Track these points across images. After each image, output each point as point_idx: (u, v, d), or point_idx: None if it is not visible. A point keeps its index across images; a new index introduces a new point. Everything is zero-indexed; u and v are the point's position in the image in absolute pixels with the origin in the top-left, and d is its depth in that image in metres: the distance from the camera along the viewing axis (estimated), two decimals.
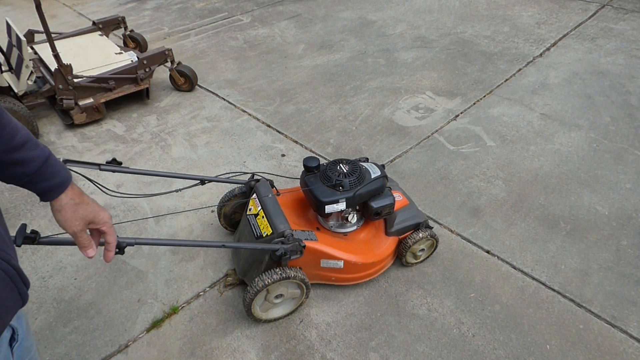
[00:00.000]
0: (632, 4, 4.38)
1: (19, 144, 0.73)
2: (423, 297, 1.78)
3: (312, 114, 2.98)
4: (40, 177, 0.77)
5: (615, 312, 1.70)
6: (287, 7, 4.85)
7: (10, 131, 0.72)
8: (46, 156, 0.78)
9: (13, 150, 0.72)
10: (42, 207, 2.26)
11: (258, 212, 1.68)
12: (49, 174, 0.78)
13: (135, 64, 2.96)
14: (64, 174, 0.81)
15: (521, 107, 2.96)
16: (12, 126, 0.73)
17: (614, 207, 2.16)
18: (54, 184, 0.79)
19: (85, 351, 1.62)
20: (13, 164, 0.73)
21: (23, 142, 0.74)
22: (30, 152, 0.75)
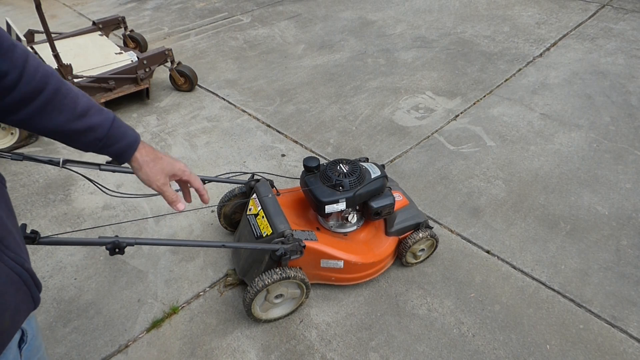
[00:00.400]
0: (632, 4, 4.38)
1: (83, 111, 0.77)
2: (423, 297, 1.78)
3: (312, 114, 2.98)
4: (112, 139, 0.82)
5: (615, 312, 1.70)
6: (287, 7, 4.85)
7: (71, 100, 0.76)
8: (111, 119, 0.82)
9: (79, 117, 0.77)
10: (42, 207, 2.26)
11: (258, 212, 1.68)
12: (118, 135, 0.83)
13: (135, 64, 2.96)
14: (132, 134, 0.86)
15: (521, 107, 2.96)
16: (73, 95, 0.77)
17: (614, 207, 2.16)
18: (126, 145, 0.84)
19: (85, 351, 1.62)
20: (84, 131, 0.78)
21: (87, 108, 0.78)
22: (95, 117, 0.79)
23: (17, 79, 0.68)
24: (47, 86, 0.72)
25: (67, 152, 2.69)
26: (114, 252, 1.16)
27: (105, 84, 2.89)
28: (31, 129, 0.75)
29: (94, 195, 2.34)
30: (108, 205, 2.27)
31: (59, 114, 0.74)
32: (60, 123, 0.75)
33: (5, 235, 0.62)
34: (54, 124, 0.75)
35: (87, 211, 2.25)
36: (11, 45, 0.68)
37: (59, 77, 0.75)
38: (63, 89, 0.74)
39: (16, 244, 0.65)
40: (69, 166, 1.22)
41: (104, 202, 2.29)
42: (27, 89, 0.70)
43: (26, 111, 0.71)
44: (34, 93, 0.71)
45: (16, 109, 0.71)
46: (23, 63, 0.69)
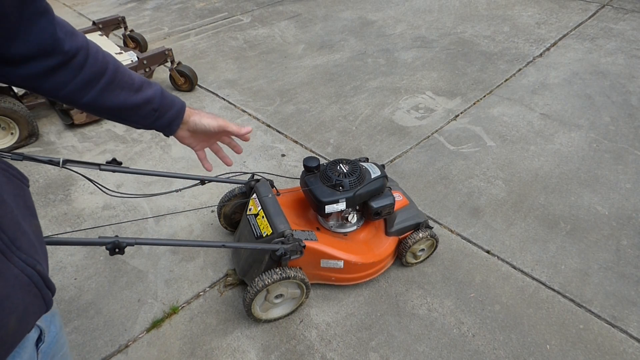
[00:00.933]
0: (632, 4, 4.38)
1: (139, 86, 0.83)
2: (423, 297, 1.78)
3: (312, 114, 2.98)
4: (165, 108, 0.87)
5: (615, 312, 1.70)
6: (287, 7, 4.85)
7: (129, 77, 0.81)
8: (160, 89, 0.87)
9: (137, 91, 0.82)
10: (42, 207, 2.26)
11: (258, 212, 1.68)
12: (169, 104, 0.88)
13: (135, 64, 2.96)
14: (179, 100, 0.91)
15: (521, 107, 2.96)
16: (128, 72, 0.82)
17: (614, 207, 2.16)
18: (176, 111, 0.89)
19: (85, 351, 1.62)
20: (143, 104, 0.83)
21: (141, 82, 0.83)
22: (149, 90, 0.84)
23: (84, 58, 0.73)
24: (109, 65, 0.77)
25: (67, 152, 2.69)
26: (114, 252, 1.16)
27: None
28: (98, 108, 0.80)
29: (94, 195, 2.34)
30: (108, 205, 2.27)
31: (121, 90, 0.79)
32: (123, 99, 0.80)
33: (19, 236, 0.61)
34: (118, 100, 0.80)
35: (87, 211, 2.25)
36: (74, 28, 0.73)
37: (114, 57, 0.80)
38: (121, 67, 0.80)
39: (30, 245, 0.64)
40: (69, 166, 1.22)
41: (104, 202, 2.29)
42: (94, 69, 0.75)
43: (95, 90, 0.76)
44: (99, 72, 0.76)
45: (86, 88, 0.75)
46: (87, 44, 0.74)
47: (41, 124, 2.95)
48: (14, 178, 0.68)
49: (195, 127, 0.95)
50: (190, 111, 0.93)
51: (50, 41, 0.67)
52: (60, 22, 0.70)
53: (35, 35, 0.66)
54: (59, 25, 0.69)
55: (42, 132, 2.86)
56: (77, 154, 2.69)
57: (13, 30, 0.63)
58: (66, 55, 0.70)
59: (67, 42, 0.70)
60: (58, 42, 0.68)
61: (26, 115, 2.61)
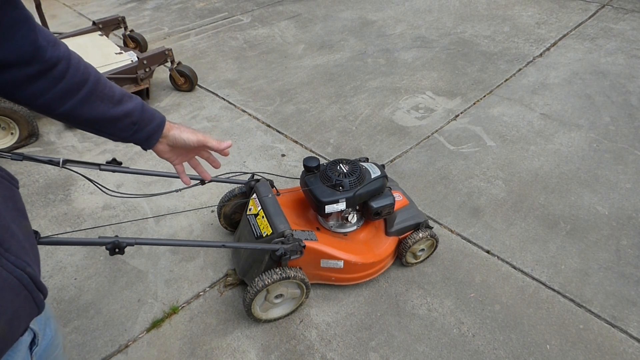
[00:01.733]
0: (632, 4, 4.38)
1: (119, 99, 0.82)
2: (423, 297, 1.78)
3: (312, 114, 2.98)
4: (144, 122, 0.86)
5: (615, 312, 1.70)
6: (287, 7, 4.85)
7: (109, 89, 0.81)
8: (141, 102, 0.87)
9: (117, 104, 0.81)
10: (42, 207, 2.26)
11: (258, 212, 1.68)
12: (149, 117, 0.87)
13: (135, 64, 2.96)
14: (159, 114, 0.90)
15: (521, 107, 2.96)
16: (109, 85, 0.81)
17: (614, 207, 2.16)
18: (156, 125, 0.89)
19: (85, 351, 1.62)
20: (122, 117, 0.82)
21: (121, 95, 0.83)
22: (130, 102, 0.84)
23: (65, 69, 0.73)
24: (90, 77, 0.77)
25: (67, 152, 2.69)
26: (114, 252, 1.16)
27: None
28: (74, 119, 0.79)
29: (94, 195, 2.34)
30: (108, 205, 2.27)
31: (100, 102, 0.79)
32: (102, 111, 0.79)
33: (7, 239, 0.61)
34: (97, 112, 0.79)
35: (87, 211, 2.25)
36: (56, 38, 0.73)
37: (95, 69, 0.80)
38: (102, 79, 0.80)
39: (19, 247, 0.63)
40: (69, 166, 1.22)
41: (104, 202, 2.29)
42: (74, 79, 0.74)
43: (73, 101, 0.75)
44: (79, 83, 0.75)
45: (65, 99, 0.75)
46: (68, 55, 0.74)
47: (41, 124, 2.95)
48: (3, 180, 0.67)
49: (175, 142, 0.94)
50: (170, 125, 0.93)
51: (31, 49, 0.67)
52: (42, 31, 0.69)
53: (16, 42, 0.65)
54: (40, 33, 0.69)
55: (42, 132, 2.86)
56: (77, 154, 2.69)
57: None
58: (46, 64, 0.70)
59: (49, 50, 0.70)
60: (39, 50, 0.68)
61: (26, 115, 2.61)
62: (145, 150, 0.95)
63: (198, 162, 1.09)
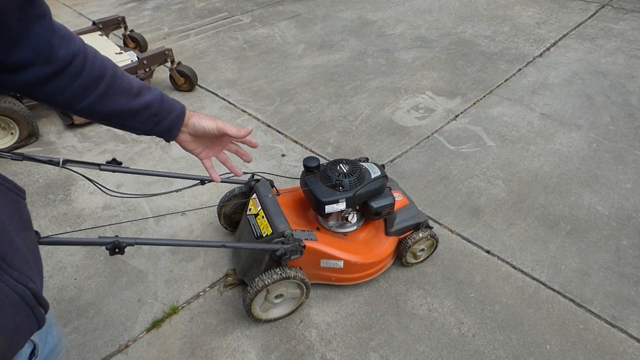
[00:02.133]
0: (632, 4, 4.38)
1: (138, 91, 0.81)
2: (423, 297, 1.78)
3: (312, 114, 2.98)
4: (164, 113, 0.85)
5: (615, 312, 1.70)
6: (287, 7, 4.85)
7: (127, 82, 0.79)
8: (160, 94, 0.85)
9: (135, 96, 0.80)
10: (42, 207, 2.26)
11: (258, 212, 1.68)
12: (169, 108, 0.86)
13: (135, 64, 2.96)
14: (179, 105, 0.89)
15: (521, 107, 2.96)
16: (127, 77, 0.80)
17: (614, 207, 2.16)
18: (176, 116, 0.87)
19: (85, 351, 1.62)
20: (142, 109, 0.81)
21: (139, 87, 0.81)
22: (148, 95, 0.83)
23: (82, 63, 0.72)
24: (107, 70, 0.76)
25: (67, 152, 2.69)
26: (114, 252, 1.16)
27: None
28: (95, 114, 0.78)
29: (94, 195, 2.34)
30: (108, 205, 2.27)
31: (120, 95, 0.78)
32: (121, 104, 0.78)
33: (10, 253, 0.59)
34: (117, 105, 0.78)
35: (87, 211, 2.25)
36: (71, 33, 0.72)
37: (112, 62, 0.79)
38: (119, 72, 0.78)
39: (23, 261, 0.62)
40: (69, 166, 1.22)
41: (104, 202, 2.29)
42: (92, 74, 0.73)
43: (93, 96, 0.75)
44: (98, 77, 0.74)
45: (84, 94, 0.74)
46: (84, 49, 0.73)
47: (41, 124, 2.95)
48: (9, 192, 0.66)
49: (195, 129, 0.92)
50: (190, 113, 0.91)
51: (48, 47, 0.66)
52: (57, 27, 0.68)
53: (32, 42, 0.64)
54: (55, 30, 0.68)
55: (42, 132, 2.86)
56: (77, 154, 2.69)
57: (12, 37, 0.61)
58: (62, 61, 0.69)
59: (63, 47, 0.69)
60: (54, 47, 0.67)
61: (26, 115, 2.61)
62: (169, 142, 0.93)
63: (227, 157, 1.04)
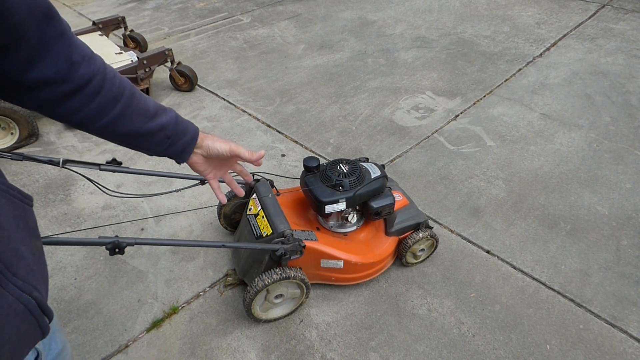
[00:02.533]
0: (632, 4, 4.38)
1: (154, 112, 0.80)
2: (423, 297, 1.78)
3: (312, 114, 2.98)
4: (178, 135, 0.85)
5: (615, 312, 1.70)
6: (287, 7, 4.85)
7: (144, 103, 0.79)
8: (175, 115, 0.85)
9: (152, 118, 0.80)
10: (42, 207, 2.26)
11: (258, 212, 1.68)
12: (182, 130, 0.85)
13: (135, 64, 2.96)
14: (193, 126, 0.89)
15: (521, 107, 2.96)
16: (144, 98, 0.80)
17: (614, 207, 2.16)
18: (189, 138, 0.87)
19: (85, 351, 1.62)
20: (157, 130, 0.81)
21: (156, 109, 0.81)
22: (164, 116, 0.82)
23: (100, 83, 0.71)
24: (125, 91, 0.75)
25: (67, 152, 2.69)
26: (114, 252, 1.16)
27: None
28: (110, 134, 0.77)
29: (94, 195, 2.34)
30: (108, 205, 2.27)
31: (136, 116, 0.77)
32: (137, 125, 0.78)
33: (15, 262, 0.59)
34: (132, 127, 0.78)
35: (87, 211, 2.25)
36: (92, 52, 0.71)
37: (130, 83, 0.78)
38: (137, 93, 0.78)
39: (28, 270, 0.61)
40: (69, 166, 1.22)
41: (104, 202, 2.29)
42: (110, 94, 0.73)
43: (109, 117, 0.74)
44: (115, 98, 0.74)
45: (101, 114, 0.73)
46: (104, 69, 0.72)
47: (41, 124, 2.95)
48: (15, 199, 0.65)
49: (209, 152, 0.92)
50: (204, 135, 0.91)
51: (66, 66, 0.65)
52: (77, 45, 0.67)
53: (52, 60, 0.63)
54: (76, 48, 0.67)
55: (42, 132, 2.86)
56: (77, 154, 2.69)
57: (32, 54, 0.61)
58: (81, 80, 0.68)
59: (83, 66, 0.68)
60: (73, 66, 0.66)
61: (26, 115, 2.61)
62: (179, 164, 0.93)
63: (232, 178, 1.06)
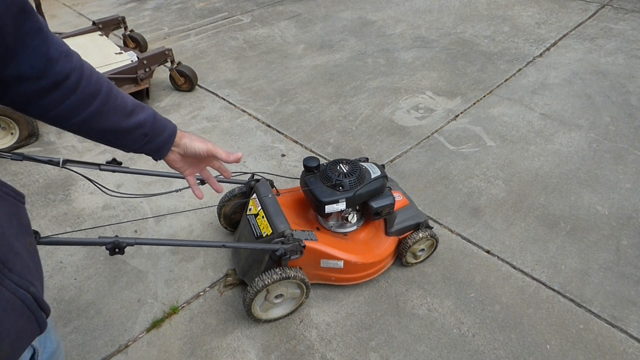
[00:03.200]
0: (632, 4, 4.38)
1: (131, 109, 0.80)
2: (423, 297, 1.78)
3: (312, 114, 2.98)
4: (155, 133, 0.85)
5: (615, 312, 1.70)
6: (287, 7, 4.85)
7: (121, 100, 0.79)
8: (153, 113, 0.85)
9: (129, 115, 0.80)
10: (42, 207, 2.26)
11: (258, 212, 1.68)
12: (160, 127, 0.86)
13: (135, 64, 2.96)
14: (171, 124, 0.89)
15: (521, 107, 2.96)
16: (121, 95, 0.80)
17: (614, 207, 2.16)
18: (167, 136, 0.87)
19: (85, 351, 1.62)
20: (134, 128, 0.81)
21: (134, 106, 0.81)
22: (142, 114, 0.82)
23: (77, 80, 0.71)
24: (102, 88, 0.75)
25: (67, 152, 2.69)
26: (114, 252, 1.16)
27: None
28: (86, 131, 0.78)
29: (94, 195, 2.34)
30: (108, 205, 2.27)
31: (113, 113, 0.77)
32: (115, 122, 0.78)
33: (11, 258, 0.59)
34: (110, 123, 0.78)
35: (87, 211, 2.25)
36: (69, 49, 0.72)
37: (108, 80, 0.79)
38: (114, 90, 0.78)
39: (23, 265, 0.62)
40: (69, 166, 1.22)
41: (104, 202, 2.29)
42: (87, 91, 0.73)
43: (85, 113, 0.74)
44: (92, 95, 0.74)
45: (77, 111, 0.74)
46: (81, 66, 0.73)
47: (41, 124, 2.95)
48: (7, 197, 0.66)
49: (186, 150, 0.92)
50: (182, 134, 0.91)
51: (43, 61, 0.65)
52: (54, 42, 0.68)
53: (29, 56, 0.63)
54: (53, 44, 0.67)
55: (42, 132, 2.86)
56: (77, 154, 2.69)
57: (8, 50, 0.61)
58: (58, 76, 0.68)
59: (60, 62, 0.68)
60: (51, 62, 0.66)
61: (26, 116, 2.61)
62: (156, 161, 0.93)
63: (210, 174, 1.06)
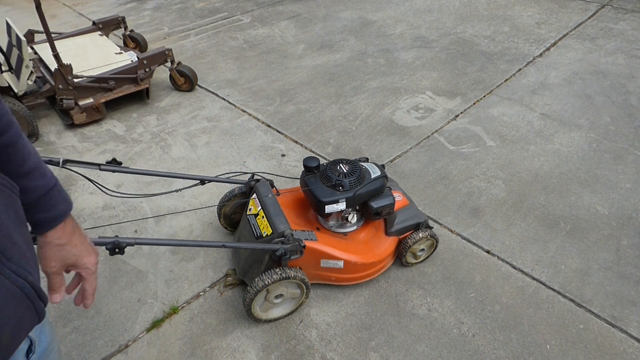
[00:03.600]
0: (632, 4, 4.38)
1: (27, 171, 0.71)
2: (423, 297, 1.78)
3: (312, 114, 2.98)
4: (37, 208, 0.73)
5: (615, 312, 1.70)
6: (287, 7, 4.85)
7: (21, 157, 0.70)
8: (49, 187, 0.75)
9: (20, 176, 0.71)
10: None
11: (258, 212, 1.68)
12: (47, 206, 0.75)
13: (135, 64, 2.96)
14: (61, 208, 0.77)
15: (521, 107, 2.96)
16: (26, 152, 0.71)
17: (614, 207, 2.16)
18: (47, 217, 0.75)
19: (85, 351, 1.62)
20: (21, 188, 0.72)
21: (31, 169, 0.72)
22: (34, 182, 0.73)
23: None
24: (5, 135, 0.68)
25: (67, 152, 2.69)
26: (114, 252, 1.16)
27: (105, 84, 2.89)
28: None
29: (94, 195, 2.34)
30: (108, 205, 2.27)
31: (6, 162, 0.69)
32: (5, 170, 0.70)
33: (9, 247, 0.61)
34: None
35: (87, 211, 2.25)
36: None
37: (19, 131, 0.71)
38: (19, 144, 0.70)
39: (21, 255, 0.63)
40: (69, 166, 1.22)
41: (104, 202, 2.29)
42: None
43: None
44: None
45: None
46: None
47: (41, 124, 2.95)
48: (4, 188, 0.66)
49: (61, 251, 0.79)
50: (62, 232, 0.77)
51: None
52: None
53: None
54: None
55: (42, 132, 2.86)
56: (77, 154, 2.69)
57: None
58: None
59: None
60: None
61: (26, 115, 2.61)
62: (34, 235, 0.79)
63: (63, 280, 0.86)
